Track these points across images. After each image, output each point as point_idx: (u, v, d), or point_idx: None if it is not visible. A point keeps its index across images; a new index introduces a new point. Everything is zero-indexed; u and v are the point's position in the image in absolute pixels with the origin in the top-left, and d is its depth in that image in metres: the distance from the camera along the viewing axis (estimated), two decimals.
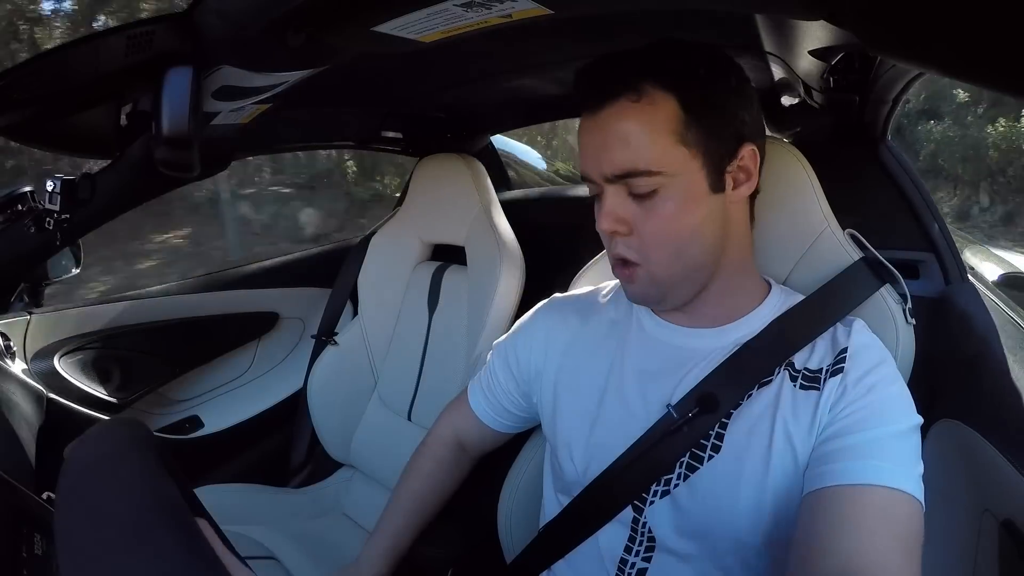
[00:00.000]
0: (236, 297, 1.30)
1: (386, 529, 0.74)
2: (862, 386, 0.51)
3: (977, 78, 0.35)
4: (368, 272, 1.24)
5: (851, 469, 0.46)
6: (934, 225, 0.79)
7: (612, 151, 0.52)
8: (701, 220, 0.53)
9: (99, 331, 1.11)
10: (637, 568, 0.56)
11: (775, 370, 0.55)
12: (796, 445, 0.51)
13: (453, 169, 1.13)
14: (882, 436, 0.48)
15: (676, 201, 0.52)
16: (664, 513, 0.55)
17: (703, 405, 0.54)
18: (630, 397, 0.60)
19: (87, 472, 0.42)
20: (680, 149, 0.51)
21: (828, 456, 0.49)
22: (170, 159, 0.60)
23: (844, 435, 0.49)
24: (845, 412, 0.50)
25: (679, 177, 0.51)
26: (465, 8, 0.51)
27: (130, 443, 0.45)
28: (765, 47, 0.75)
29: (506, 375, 0.72)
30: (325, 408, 1.21)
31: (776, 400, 0.53)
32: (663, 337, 0.61)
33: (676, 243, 0.53)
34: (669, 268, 0.54)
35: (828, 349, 0.55)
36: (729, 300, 0.59)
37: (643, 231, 0.53)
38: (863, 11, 0.37)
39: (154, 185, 0.94)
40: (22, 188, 0.92)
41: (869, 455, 0.46)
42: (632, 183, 0.52)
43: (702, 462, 0.54)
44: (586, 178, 0.56)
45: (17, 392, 0.87)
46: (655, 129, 0.50)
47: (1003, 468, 0.49)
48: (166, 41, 0.56)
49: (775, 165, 0.69)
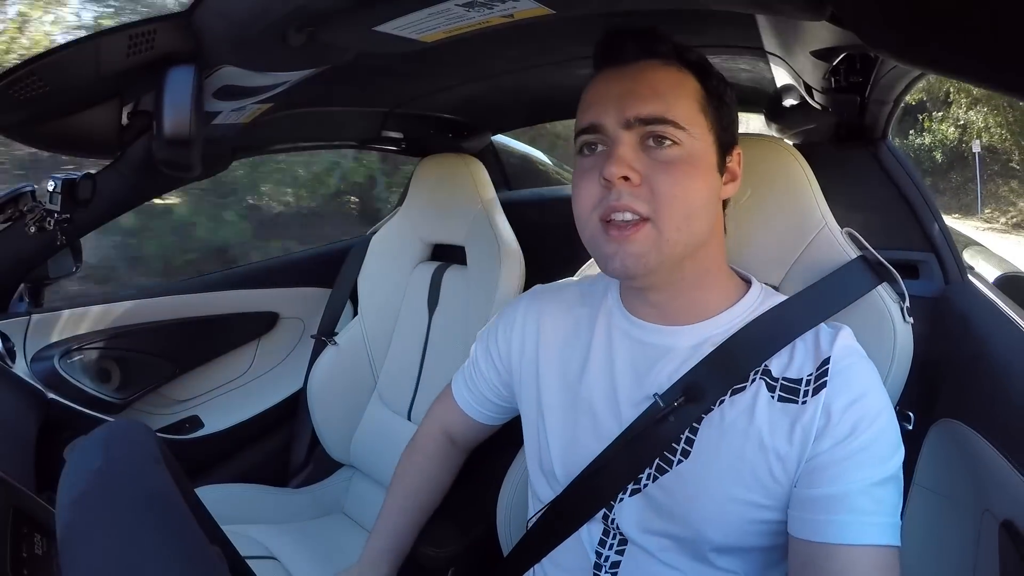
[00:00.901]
0: (236, 297, 1.30)
1: (383, 529, 0.74)
2: (846, 422, 0.49)
3: (978, 78, 0.35)
4: (368, 272, 1.24)
5: (841, 526, 0.47)
6: (934, 225, 0.79)
7: (642, 97, 0.51)
8: (708, 193, 0.53)
9: (99, 331, 1.11)
10: (611, 560, 0.58)
11: (750, 375, 0.53)
12: (772, 458, 0.51)
13: (453, 169, 1.13)
14: (869, 486, 0.48)
15: (692, 164, 0.51)
16: (631, 511, 0.56)
17: (689, 394, 0.54)
18: (604, 395, 0.59)
19: (88, 475, 0.42)
20: (701, 118, 0.53)
21: (816, 504, 0.49)
22: (171, 159, 0.60)
23: (830, 482, 0.48)
24: (830, 452, 0.49)
25: (698, 142, 0.52)
26: (467, 8, 0.51)
27: (132, 446, 0.45)
28: (767, 47, 0.75)
29: (488, 365, 0.72)
30: (325, 408, 1.21)
31: (752, 409, 0.52)
32: (636, 335, 0.60)
33: (687, 205, 0.51)
34: (677, 232, 0.51)
35: (809, 355, 0.53)
36: (702, 296, 0.57)
37: (657, 184, 0.50)
38: (865, 11, 0.38)
39: (155, 185, 0.94)
40: (22, 188, 0.92)
41: (858, 510, 0.47)
42: (658, 130, 0.51)
43: (672, 465, 0.54)
44: (592, 128, 0.54)
45: (17, 392, 0.87)
46: (685, 92, 0.53)
47: (1003, 468, 0.50)
48: (167, 41, 0.56)
49: (774, 165, 0.69)
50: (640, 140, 0.52)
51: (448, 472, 0.78)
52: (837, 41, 0.56)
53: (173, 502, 0.42)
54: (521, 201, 1.50)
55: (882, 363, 0.62)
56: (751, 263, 0.70)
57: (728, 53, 0.80)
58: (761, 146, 0.69)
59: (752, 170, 0.69)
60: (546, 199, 1.53)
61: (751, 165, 0.69)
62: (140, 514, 0.39)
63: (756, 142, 0.70)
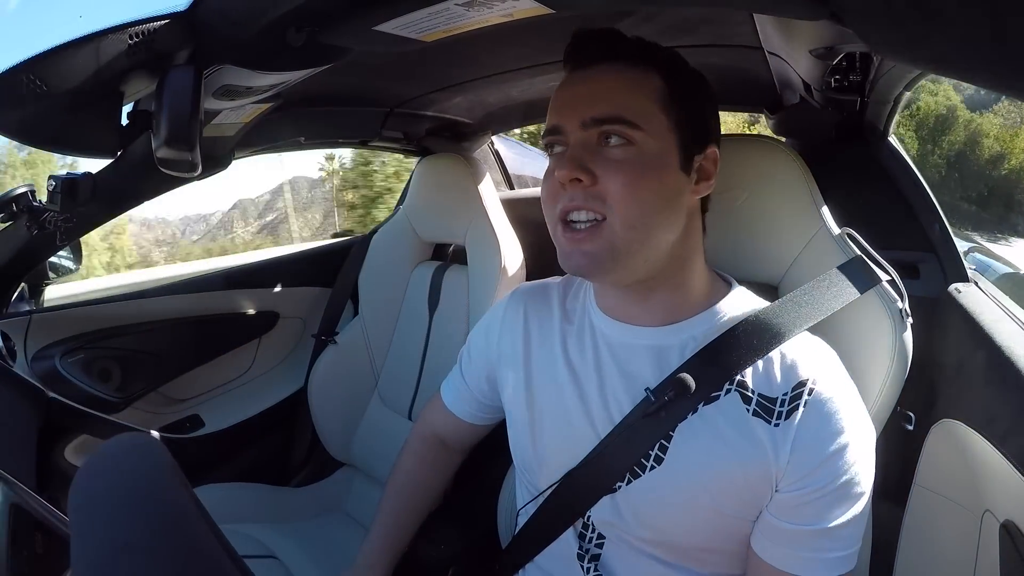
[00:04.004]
0: (236, 297, 1.30)
1: (379, 530, 0.74)
2: (819, 462, 0.49)
3: (979, 78, 0.35)
4: (369, 271, 1.24)
5: (801, 561, 0.50)
6: (934, 225, 0.79)
7: (598, 100, 0.52)
8: (668, 191, 0.52)
9: (99, 331, 1.11)
10: (591, 553, 0.59)
11: (724, 386, 0.53)
12: (742, 473, 0.51)
13: (453, 169, 1.13)
14: (835, 527, 0.49)
15: (648, 160, 0.51)
16: (605, 512, 0.57)
17: (678, 390, 0.53)
18: (577, 395, 0.59)
19: (99, 492, 0.41)
20: (661, 117, 0.52)
21: (779, 534, 0.51)
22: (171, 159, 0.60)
23: (797, 518, 0.50)
24: (800, 488, 0.49)
25: (655, 140, 0.52)
26: (466, 7, 0.51)
27: (141, 461, 0.44)
28: (766, 46, 0.75)
29: (474, 365, 0.73)
30: (325, 407, 1.21)
31: (725, 421, 0.52)
32: (607, 334, 0.59)
33: (642, 202, 0.51)
34: (631, 229, 0.51)
35: (786, 371, 0.52)
36: (673, 296, 0.57)
37: (610, 183, 0.51)
38: (865, 10, 0.37)
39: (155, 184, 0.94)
40: (22, 187, 0.92)
41: (820, 548, 0.49)
42: (612, 129, 0.51)
43: (644, 470, 0.54)
44: (552, 131, 0.55)
45: (17, 391, 0.87)
46: (643, 93, 0.52)
47: (1003, 468, 0.49)
48: (167, 40, 0.56)
49: (771, 166, 0.69)
50: (598, 139, 0.52)
51: (439, 474, 0.79)
52: (837, 40, 0.56)
53: (186, 524, 0.41)
54: (521, 201, 1.50)
55: (882, 363, 0.62)
56: (749, 264, 0.70)
57: (728, 52, 0.80)
58: (758, 147, 0.69)
59: (750, 171, 0.69)
60: None
61: (749, 166, 0.69)
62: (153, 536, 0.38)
63: (753, 143, 0.70)
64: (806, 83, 0.74)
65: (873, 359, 0.62)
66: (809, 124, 0.90)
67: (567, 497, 0.59)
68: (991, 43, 0.29)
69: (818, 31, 0.55)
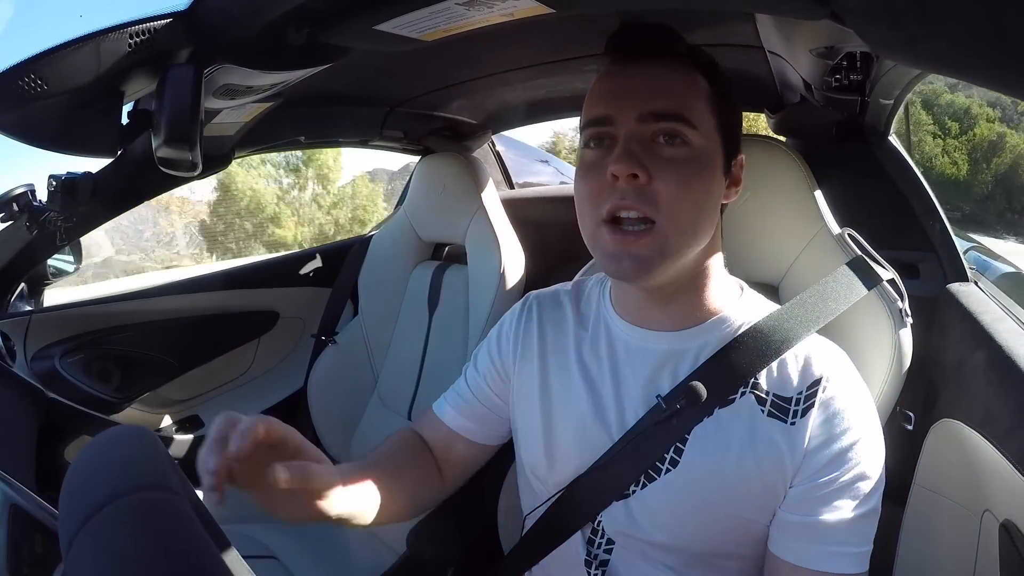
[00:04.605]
0: (236, 296, 1.30)
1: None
2: (833, 456, 0.49)
3: (979, 78, 0.35)
4: (368, 271, 1.24)
5: (819, 555, 0.49)
6: (934, 225, 0.79)
7: (655, 93, 0.50)
8: (714, 195, 0.52)
9: (99, 331, 1.11)
10: (600, 559, 0.58)
11: (739, 389, 0.52)
12: (757, 474, 0.51)
13: (453, 168, 1.13)
14: (849, 520, 0.49)
15: (701, 164, 0.50)
16: (617, 517, 0.56)
17: (690, 397, 0.52)
18: (594, 400, 0.58)
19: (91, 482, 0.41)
20: (710, 119, 0.52)
21: (795, 529, 0.50)
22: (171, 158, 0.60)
23: (812, 512, 0.49)
24: (814, 482, 0.49)
25: (707, 142, 0.51)
26: (467, 7, 0.51)
27: (135, 451, 0.44)
28: (767, 46, 0.75)
29: (483, 376, 0.68)
30: (325, 407, 1.21)
31: (741, 423, 0.52)
32: (624, 339, 0.59)
33: (693, 204, 0.49)
34: (682, 235, 0.49)
35: (800, 371, 0.52)
36: (693, 301, 0.56)
37: (663, 183, 0.48)
38: (866, 10, 0.37)
39: (155, 184, 0.94)
40: (22, 187, 0.92)
41: (836, 541, 0.49)
42: (673, 127, 0.49)
43: (660, 474, 0.54)
44: (600, 121, 0.52)
45: (17, 391, 0.87)
46: (696, 91, 0.52)
47: (1003, 468, 0.49)
48: (167, 39, 0.56)
49: (772, 166, 0.69)
50: (651, 137, 0.50)
51: (411, 453, 0.71)
52: (838, 39, 0.56)
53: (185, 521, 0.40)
54: (522, 200, 1.50)
55: (882, 363, 0.62)
56: (750, 264, 0.70)
57: (728, 51, 0.80)
58: (760, 147, 0.69)
59: (751, 171, 0.69)
60: (547, 198, 1.53)
61: (750, 166, 0.69)
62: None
63: (754, 143, 0.70)
64: (807, 83, 0.74)
65: (873, 359, 0.62)
66: (809, 124, 0.90)
67: (577, 500, 0.58)
68: (991, 43, 0.29)
69: (818, 31, 0.55)
